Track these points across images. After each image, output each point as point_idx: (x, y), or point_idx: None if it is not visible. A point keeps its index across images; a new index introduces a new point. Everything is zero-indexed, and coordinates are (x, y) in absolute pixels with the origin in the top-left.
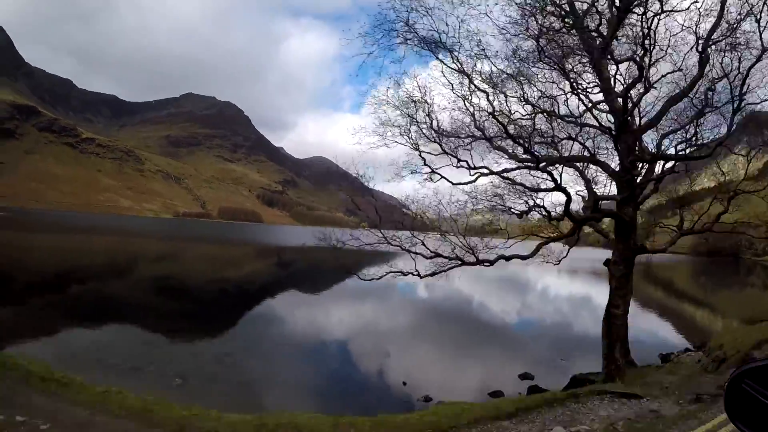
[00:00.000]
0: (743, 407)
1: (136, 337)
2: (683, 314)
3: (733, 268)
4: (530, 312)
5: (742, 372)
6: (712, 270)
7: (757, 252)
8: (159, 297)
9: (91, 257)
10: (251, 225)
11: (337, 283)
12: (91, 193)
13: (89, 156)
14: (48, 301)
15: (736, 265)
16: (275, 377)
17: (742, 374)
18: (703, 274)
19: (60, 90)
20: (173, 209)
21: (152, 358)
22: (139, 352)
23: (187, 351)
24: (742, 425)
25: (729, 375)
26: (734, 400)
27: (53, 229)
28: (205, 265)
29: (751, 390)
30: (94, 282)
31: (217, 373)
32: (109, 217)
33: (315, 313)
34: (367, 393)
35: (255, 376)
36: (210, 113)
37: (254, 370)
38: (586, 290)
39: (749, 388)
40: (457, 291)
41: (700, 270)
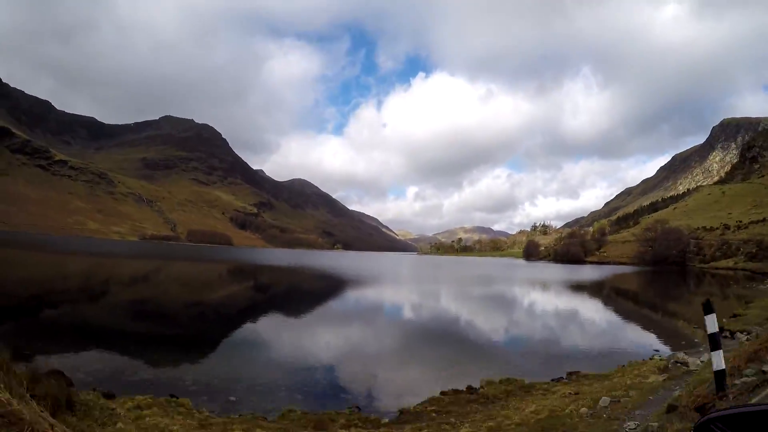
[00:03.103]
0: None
1: (114, 363)
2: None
3: (679, 277)
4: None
5: (711, 418)
6: (663, 279)
7: (704, 259)
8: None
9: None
10: (216, 248)
11: (305, 301)
12: (60, 215)
13: (61, 178)
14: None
15: (684, 274)
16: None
17: (710, 420)
18: (657, 283)
19: (37, 111)
20: (141, 232)
21: (133, 382)
22: (118, 378)
23: (168, 375)
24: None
25: (697, 420)
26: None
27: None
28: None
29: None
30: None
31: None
32: (69, 239)
33: (290, 333)
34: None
35: (240, 396)
36: (187, 135)
37: (239, 391)
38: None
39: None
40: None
41: (652, 279)
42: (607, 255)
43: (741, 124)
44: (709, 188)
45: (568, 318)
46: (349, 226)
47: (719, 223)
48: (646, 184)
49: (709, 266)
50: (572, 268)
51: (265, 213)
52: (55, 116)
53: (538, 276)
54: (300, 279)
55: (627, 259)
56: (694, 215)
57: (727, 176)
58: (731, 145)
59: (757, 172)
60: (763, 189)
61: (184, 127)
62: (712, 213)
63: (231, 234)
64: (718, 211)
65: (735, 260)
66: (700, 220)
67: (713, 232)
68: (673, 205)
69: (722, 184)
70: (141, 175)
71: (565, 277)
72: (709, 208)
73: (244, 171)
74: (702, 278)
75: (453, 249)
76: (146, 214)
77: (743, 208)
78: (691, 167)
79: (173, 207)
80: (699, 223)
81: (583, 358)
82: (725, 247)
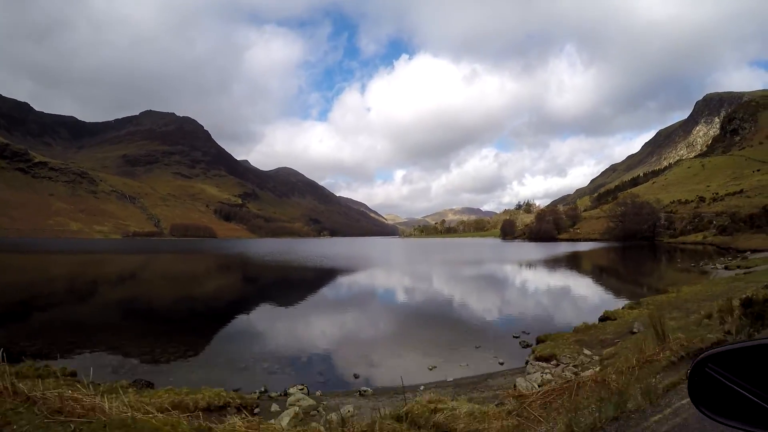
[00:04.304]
0: (707, 392)
1: (109, 363)
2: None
3: (637, 253)
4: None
5: (706, 357)
6: (616, 255)
7: (674, 233)
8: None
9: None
10: (199, 240)
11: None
12: (42, 217)
13: (42, 180)
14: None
15: (647, 249)
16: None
17: (705, 359)
18: (607, 259)
19: (17, 114)
20: (124, 229)
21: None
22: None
23: (162, 372)
24: (705, 410)
25: (692, 360)
26: (698, 385)
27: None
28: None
29: (714, 374)
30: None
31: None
32: (48, 241)
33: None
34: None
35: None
36: (169, 129)
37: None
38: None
39: (713, 372)
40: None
41: (604, 256)
42: (579, 232)
43: (724, 99)
44: (689, 162)
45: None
46: (336, 213)
47: (695, 196)
48: (632, 160)
49: (677, 241)
50: (537, 246)
51: (249, 203)
52: (34, 118)
53: (482, 256)
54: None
55: (598, 236)
56: (672, 189)
57: (708, 149)
58: (714, 119)
59: (738, 144)
60: (743, 161)
61: (165, 121)
62: (690, 186)
63: (214, 226)
64: (696, 184)
65: (704, 234)
66: (677, 193)
67: (688, 205)
68: (653, 179)
69: (702, 158)
70: (123, 172)
71: (513, 256)
72: (688, 181)
73: (228, 162)
74: (662, 254)
75: (437, 231)
76: (129, 211)
77: (722, 181)
78: (675, 142)
79: (156, 202)
80: (676, 196)
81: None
82: (697, 221)
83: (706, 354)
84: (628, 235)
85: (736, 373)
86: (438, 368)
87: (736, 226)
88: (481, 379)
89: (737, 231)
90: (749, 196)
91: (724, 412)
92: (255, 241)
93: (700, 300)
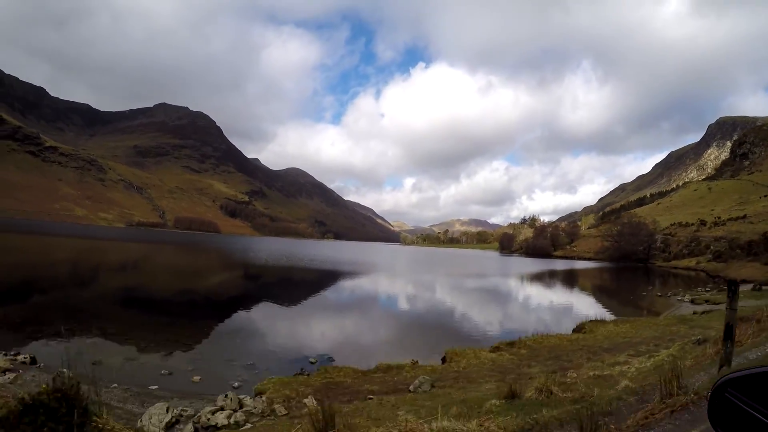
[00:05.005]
0: (726, 416)
1: (108, 352)
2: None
3: (621, 275)
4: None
5: (726, 381)
6: (595, 277)
7: (668, 257)
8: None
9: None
10: (200, 234)
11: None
12: (48, 201)
13: (51, 165)
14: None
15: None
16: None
17: (725, 383)
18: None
19: (31, 98)
20: (128, 218)
21: (129, 373)
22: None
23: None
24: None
25: (712, 384)
26: (717, 408)
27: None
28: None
29: (733, 399)
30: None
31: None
32: (52, 224)
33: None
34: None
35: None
36: (181, 123)
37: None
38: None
39: (732, 397)
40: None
41: (602, 276)
42: (576, 250)
43: (738, 123)
44: (696, 184)
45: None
46: (342, 216)
47: (696, 219)
48: (641, 180)
49: (669, 265)
50: (528, 261)
51: (256, 201)
52: (48, 103)
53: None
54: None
55: (592, 255)
56: (675, 211)
57: (717, 173)
58: (726, 143)
59: (747, 168)
60: (750, 186)
61: (178, 114)
62: (694, 209)
63: (219, 222)
64: (701, 208)
65: (698, 259)
66: (680, 215)
67: (688, 228)
68: (659, 200)
69: (710, 181)
70: (133, 162)
71: (489, 270)
72: (693, 204)
73: (238, 159)
74: (645, 278)
75: (440, 240)
76: (135, 201)
77: (727, 205)
78: (685, 164)
79: (163, 194)
80: (678, 218)
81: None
82: (693, 245)
83: (726, 378)
84: (623, 255)
85: (755, 398)
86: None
87: (733, 253)
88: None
89: (733, 258)
90: (752, 222)
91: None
92: (255, 239)
93: (604, 349)
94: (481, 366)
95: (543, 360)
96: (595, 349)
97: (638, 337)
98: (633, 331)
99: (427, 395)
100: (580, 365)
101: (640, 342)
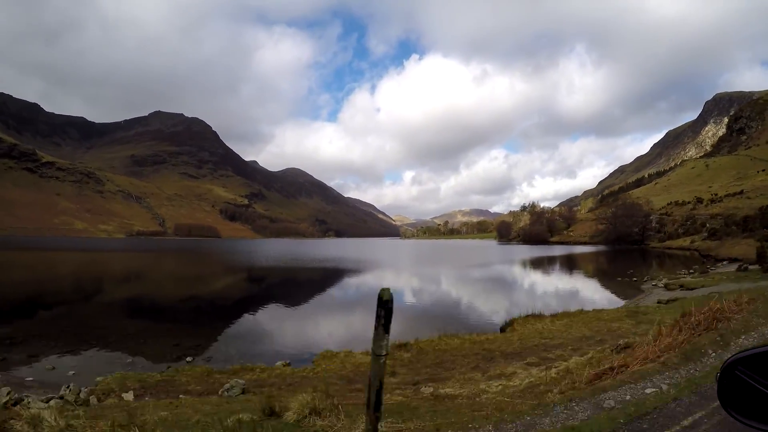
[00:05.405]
0: (736, 395)
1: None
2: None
3: (623, 256)
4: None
5: (736, 360)
6: (579, 263)
7: (662, 237)
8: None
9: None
10: (198, 241)
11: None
12: (47, 216)
13: (49, 180)
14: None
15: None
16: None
17: (735, 362)
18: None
19: (26, 114)
20: (128, 228)
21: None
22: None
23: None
24: (735, 413)
25: (722, 363)
26: (727, 387)
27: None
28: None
29: (744, 377)
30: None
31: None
32: (49, 239)
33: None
34: None
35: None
36: (177, 130)
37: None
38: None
39: (743, 375)
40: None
41: (590, 260)
42: (572, 234)
43: (734, 98)
44: (693, 162)
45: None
46: (342, 214)
47: (693, 197)
48: (640, 161)
49: (663, 245)
50: (523, 248)
51: (256, 204)
52: (44, 118)
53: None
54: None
55: (588, 239)
56: (673, 190)
57: (714, 149)
58: (723, 119)
59: (744, 143)
60: (748, 161)
61: (173, 121)
62: (692, 187)
63: (219, 226)
64: (699, 185)
65: (693, 238)
66: (677, 194)
67: (684, 206)
68: (656, 180)
69: (707, 158)
70: (130, 172)
71: (479, 259)
72: (691, 182)
73: (236, 163)
74: (633, 261)
75: (440, 232)
76: (135, 210)
77: (725, 181)
78: (683, 143)
79: (162, 202)
80: (676, 197)
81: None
82: (689, 224)
83: (736, 357)
84: (618, 238)
85: (766, 376)
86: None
87: (728, 230)
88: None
89: (728, 235)
90: (749, 197)
91: (753, 414)
92: (253, 242)
93: (506, 354)
94: (338, 372)
95: (421, 367)
96: (495, 354)
97: (562, 338)
98: (565, 329)
99: (225, 400)
100: (449, 378)
101: (559, 345)
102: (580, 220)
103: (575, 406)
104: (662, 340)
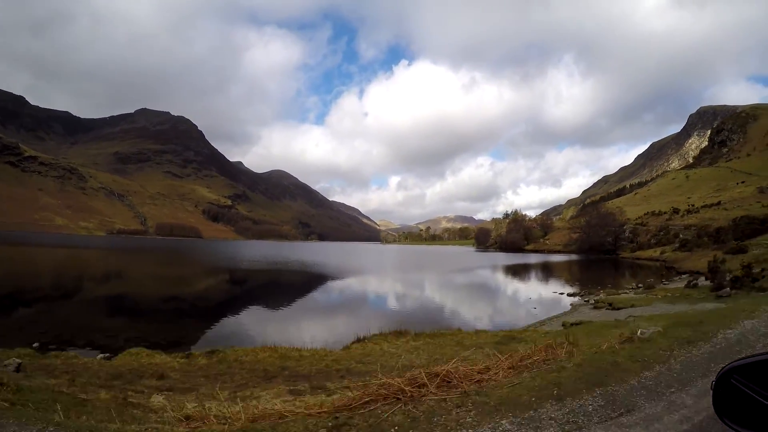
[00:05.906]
0: (731, 404)
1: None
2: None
3: (584, 267)
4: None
5: (731, 368)
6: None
7: (634, 247)
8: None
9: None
10: (179, 240)
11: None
12: (28, 211)
13: (31, 174)
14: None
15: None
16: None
17: (731, 370)
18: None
19: (11, 107)
20: (109, 226)
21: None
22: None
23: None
24: (729, 421)
25: (717, 371)
26: (722, 396)
27: None
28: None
29: (739, 385)
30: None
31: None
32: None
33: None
34: None
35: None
36: (162, 128)
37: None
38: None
39: (738, 383)
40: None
41: (547, 270)
42: (547, 243)
43: (718, 111)
44: (674, 173)
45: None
46: (326, 217)
47: (670, 207)
48: (624, 171)
49: (633, 256)
50: (496, 255)
51: (239, 205)
52: (29, 111)
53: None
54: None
55: (561, 248)
56: (652, 200)
57: (695, 161)
58: (707, 132)
59: (725, 156)
60: (728, 173)
61: (159, 119)
62: (671, 197)
63: (201, 227)
64: (678, 196)
65: (663, 249)
66: (656, 204)
67: (660, 216)
68: (637, 190)
69: (688, 169)
70: (114, 169)
71: (442, 266)
72: (671, 193)
73: (220, 163)
74: (591, 272)
75: (422, 238)
76: (117, 208)
77: (704, 193)
78: (667, 154)
79: (145, 201)
80: (654, 207)
81: None
82: (662, 234)
83: (731, 365)
84: (591, 247)
85: (761, 385)
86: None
87: (699, 241)
88: None
89: (699, 246)
90: (726, 209)
91: (748, 423)
92: (232, 243)
93: (294, 376)
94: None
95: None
96: (284, 373)
97: (377, 364)
98: (407, 351)
99: None
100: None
101: (347, 372)
102: (557, 228)
103: None
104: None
